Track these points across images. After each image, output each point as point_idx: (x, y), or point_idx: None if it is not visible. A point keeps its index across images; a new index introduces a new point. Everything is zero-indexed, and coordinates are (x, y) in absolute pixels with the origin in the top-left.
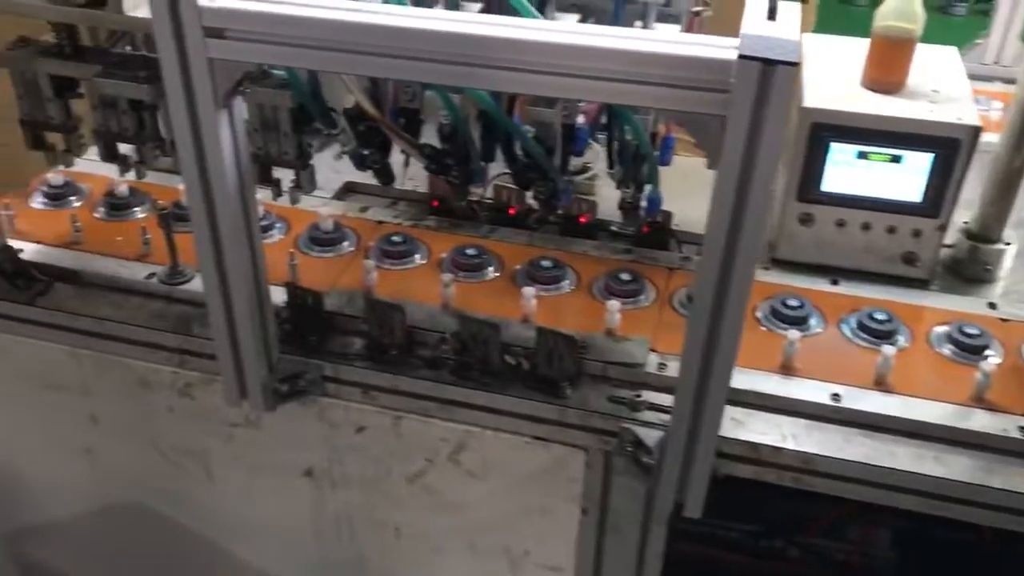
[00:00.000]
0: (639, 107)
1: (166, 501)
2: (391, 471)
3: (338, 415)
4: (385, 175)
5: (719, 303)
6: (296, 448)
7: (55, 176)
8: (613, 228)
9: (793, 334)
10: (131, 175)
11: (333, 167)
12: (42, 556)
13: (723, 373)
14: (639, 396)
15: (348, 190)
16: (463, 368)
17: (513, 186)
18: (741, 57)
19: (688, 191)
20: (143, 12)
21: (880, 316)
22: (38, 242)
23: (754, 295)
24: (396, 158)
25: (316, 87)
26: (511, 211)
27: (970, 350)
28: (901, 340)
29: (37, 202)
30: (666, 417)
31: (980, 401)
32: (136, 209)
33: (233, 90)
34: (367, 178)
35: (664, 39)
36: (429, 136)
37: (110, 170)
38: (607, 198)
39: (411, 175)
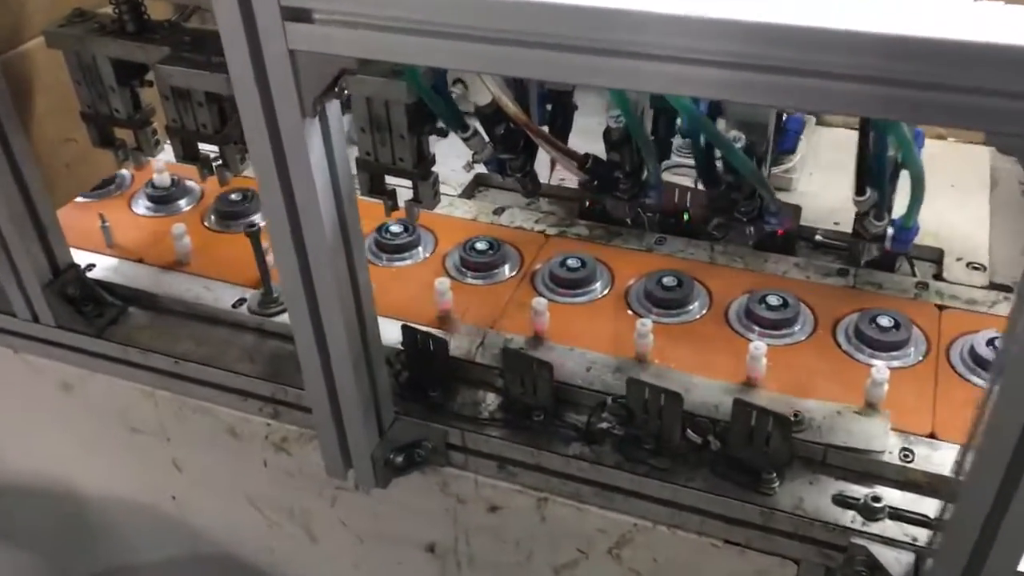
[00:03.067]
0: None
1: (264, 558)
2: (532, 557)
3: (466, 489)
4: (531, 183)
5: None
6: (415, 520)
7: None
8: (819, 238)
9: None
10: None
11: (460, 153)
12: None
13: None
14: (877, 500)
15: (479, 184)
16: (630, 444)
17: (685, 184)
18: None
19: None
20: None
21: None
22: (113, 254)
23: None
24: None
25: (441, 78)
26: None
27: None
28: None
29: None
30: (917, 532)
31: None
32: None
33: (326, 92)
34: None
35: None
36: (580, 126)
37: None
38: (805, 194)
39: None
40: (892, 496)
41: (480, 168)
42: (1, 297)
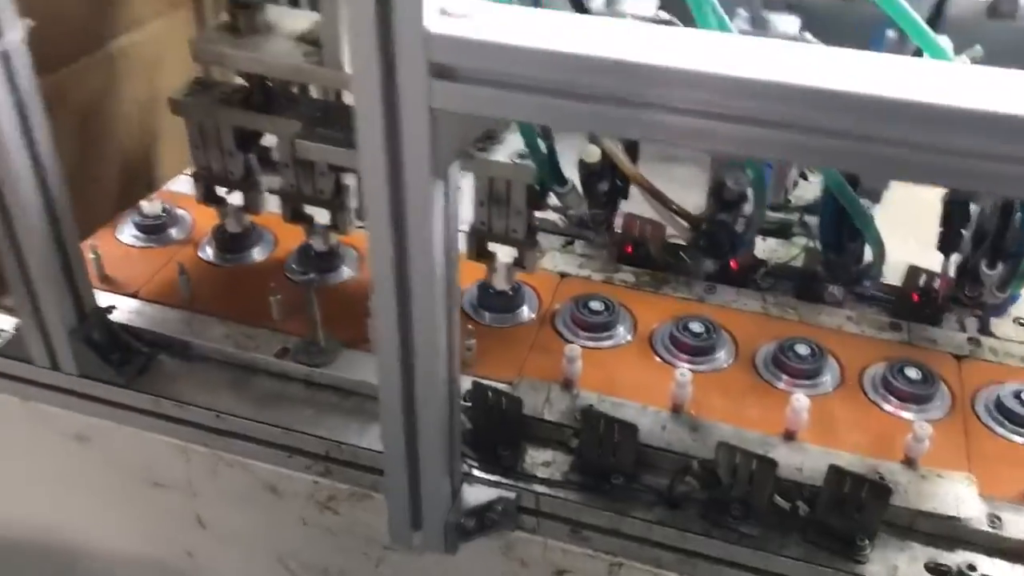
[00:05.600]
0: None
1: None
2: None
3: (532, 552)
4: (608, 237)
5: None
6: None
7: (150, 204)
8: (866, 290)
9: None
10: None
11: None
12: None
13: None
14: (972, 568)
15: None
16: (715, 509)
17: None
18: None
19: None
20: None
21: None
22: (133, 295)
23: None
24: None
25: (551, 143)
26: (733, 265)
27: None
28: None
29: (127, 236)
30: None
31: None
32: (254, 250)
33: (460, 152)
34: None
35: None
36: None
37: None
38: None
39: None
40: (982, 563)
41: None
42: (14, 342)
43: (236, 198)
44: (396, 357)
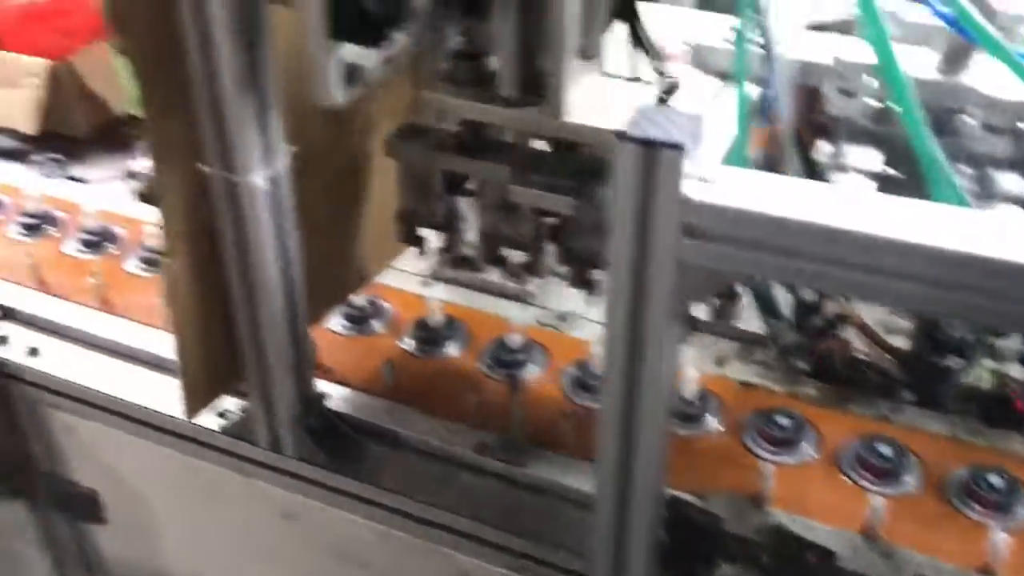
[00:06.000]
0: None
1: None
2: None
3: None
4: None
5: None
6: None
7: (357, 295)
8: None
9: None
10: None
11: None
12: None
13: None
14: None
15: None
16: None
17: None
18: None
19: None
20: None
21: None
22: (340, 382)
23: None
24: None
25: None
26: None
27: None
28: None
29: (335, 324)
30: None
31: None
32: (451, 344)
33: (697, 301)
34: None
35: None
36: None
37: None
38: None
39: None
40: None
41: None
42: (240, 424)
43: (439, 291)
44: (615, 472)
